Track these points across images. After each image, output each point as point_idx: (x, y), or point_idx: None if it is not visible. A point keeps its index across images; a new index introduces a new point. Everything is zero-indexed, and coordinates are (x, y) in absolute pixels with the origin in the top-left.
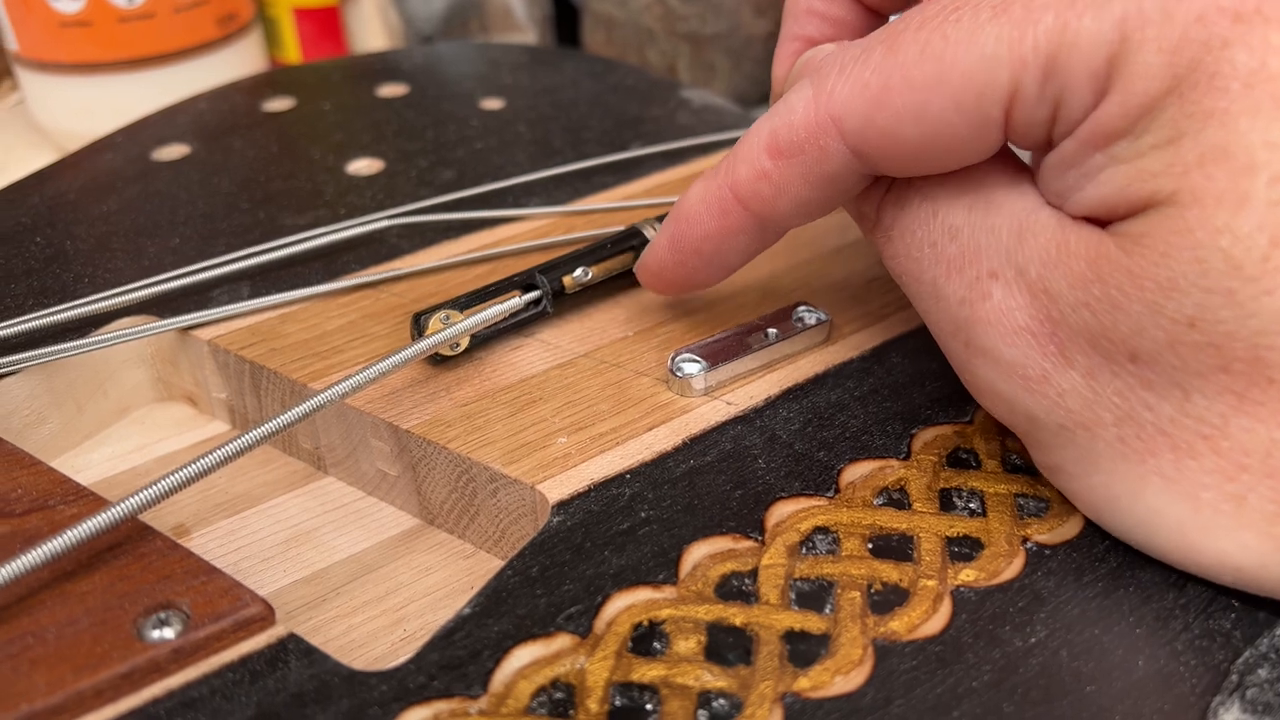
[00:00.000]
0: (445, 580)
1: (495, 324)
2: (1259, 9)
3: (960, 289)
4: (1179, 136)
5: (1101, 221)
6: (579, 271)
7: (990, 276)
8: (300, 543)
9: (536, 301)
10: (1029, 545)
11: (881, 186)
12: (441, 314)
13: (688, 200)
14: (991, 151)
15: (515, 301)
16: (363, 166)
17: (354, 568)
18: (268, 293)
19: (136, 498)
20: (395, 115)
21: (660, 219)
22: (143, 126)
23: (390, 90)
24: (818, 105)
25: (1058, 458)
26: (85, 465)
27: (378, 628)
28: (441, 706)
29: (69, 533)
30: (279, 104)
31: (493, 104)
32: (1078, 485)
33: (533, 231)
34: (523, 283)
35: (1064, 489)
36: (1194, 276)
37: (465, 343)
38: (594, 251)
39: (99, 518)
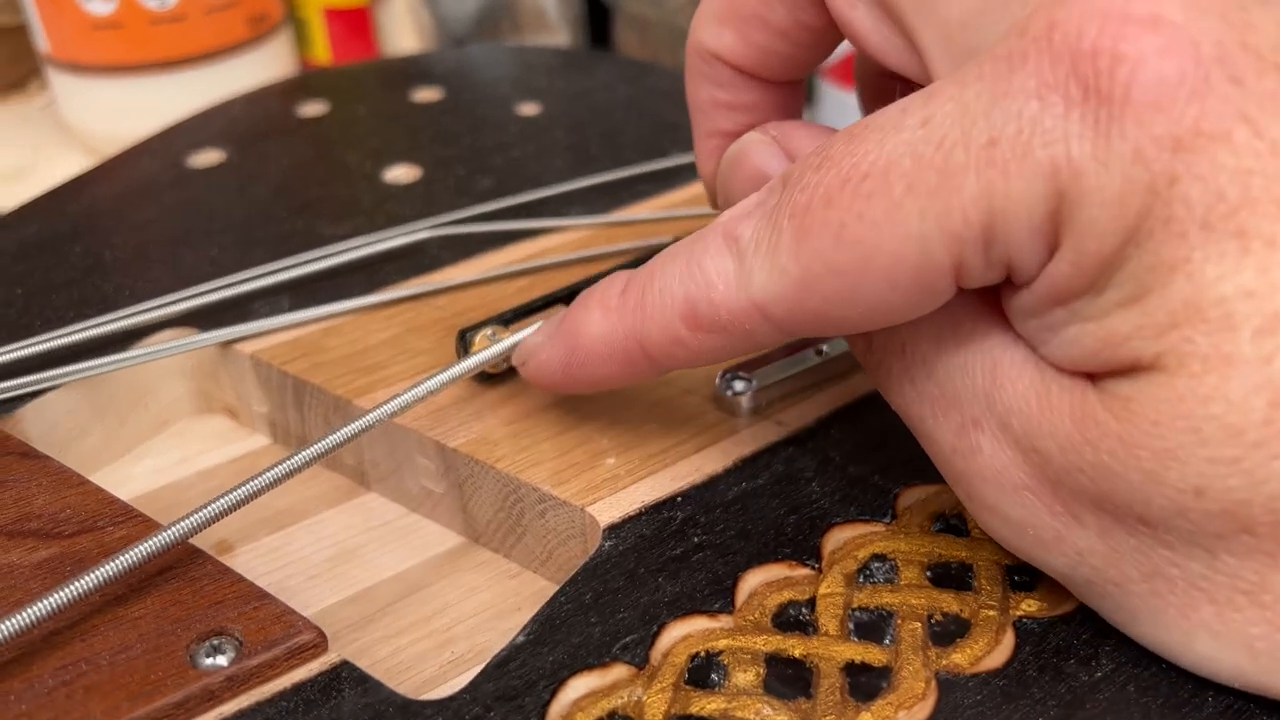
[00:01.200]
0: (492, 600)
1: None
2: (1198, 128)
3: (949, 436)
4: (1144, 293)
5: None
6: None
7: (974, 426)
8: (345, 560)
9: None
10: None
11: None
12: (487, 330)
13: (588, 334)
14: (942, 302)
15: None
16: (400, 174)
17: (399, 587)
18: (308, 305)
19: (188, 521)
20: (431, 121)
21: None
22: (177, 132)
23: (425, 95)
24: (739, 288)
25: (1096, 606)
26: (127, 479)
27: (425, 649)
28: None
29: (121, 557)
30: (313, 108)
31: (529, 109)
32: (1126, 630)
33: (574, 242)
34: (566, 297)
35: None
36: (1192, 446)
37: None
38: (632, 267)
39: (151, 542)
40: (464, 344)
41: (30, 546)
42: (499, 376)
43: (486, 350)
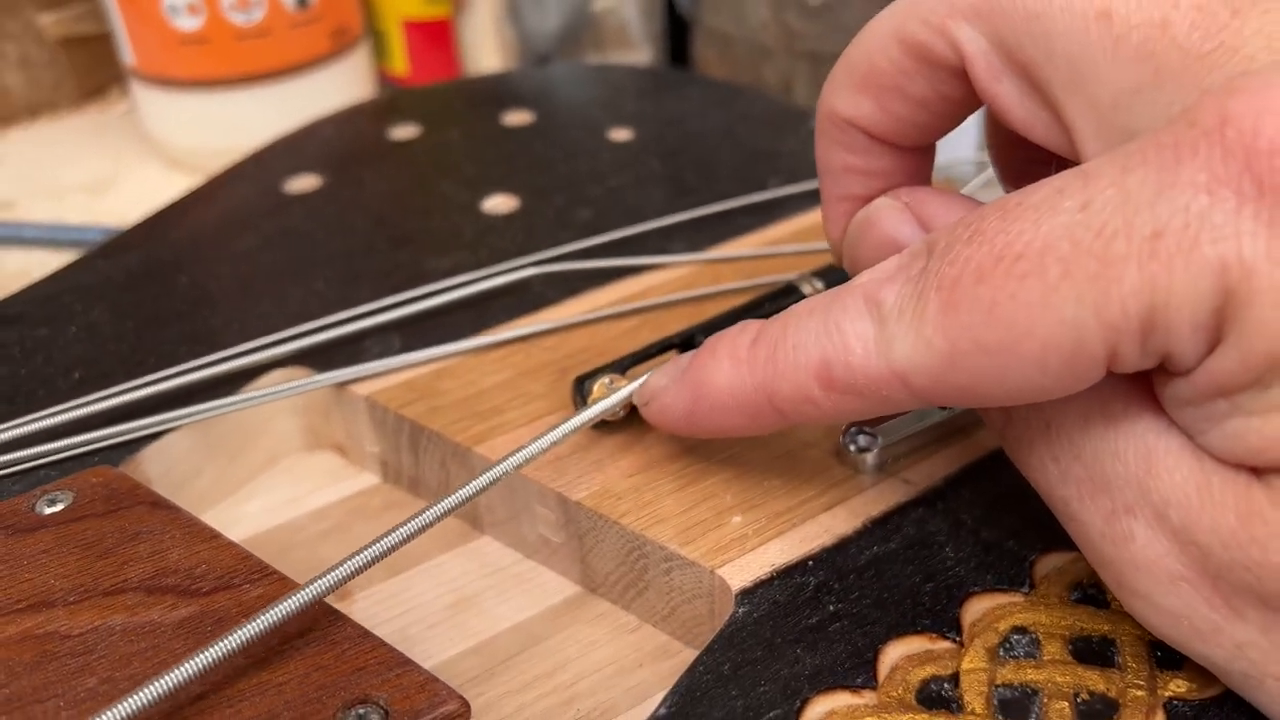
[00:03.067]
0: (613, 656)
1: None
2: None
3: (1098, 521)
4: None
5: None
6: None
7: (1126, 512)
8: (464, 609)
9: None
10: None
11: None
12: (604, 379)
13: (715, 384)
14: (1090, 384)
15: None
16: (498, 204)
17: (520, 638)
18: (418, 344)
19: (325, 580)
20: (524, 146)
21: (816, 274)
22: (271, 154)
23: (516, 118)
24: (879, 354)
25: (1251, 698)
26: (240, 518)
27: (549, 706)
28: None
29: (263, 618)
30: (405, 131)
31: (621, 134)
32: None
33: (678, 279)
34: (681, 342)
35: None
36: None
37: (628, 408)
38: (752, 309)
39: (290, 602)
40: (581, 392)
41: (170, 604)
42: (617, 424)
43: (606, 400)
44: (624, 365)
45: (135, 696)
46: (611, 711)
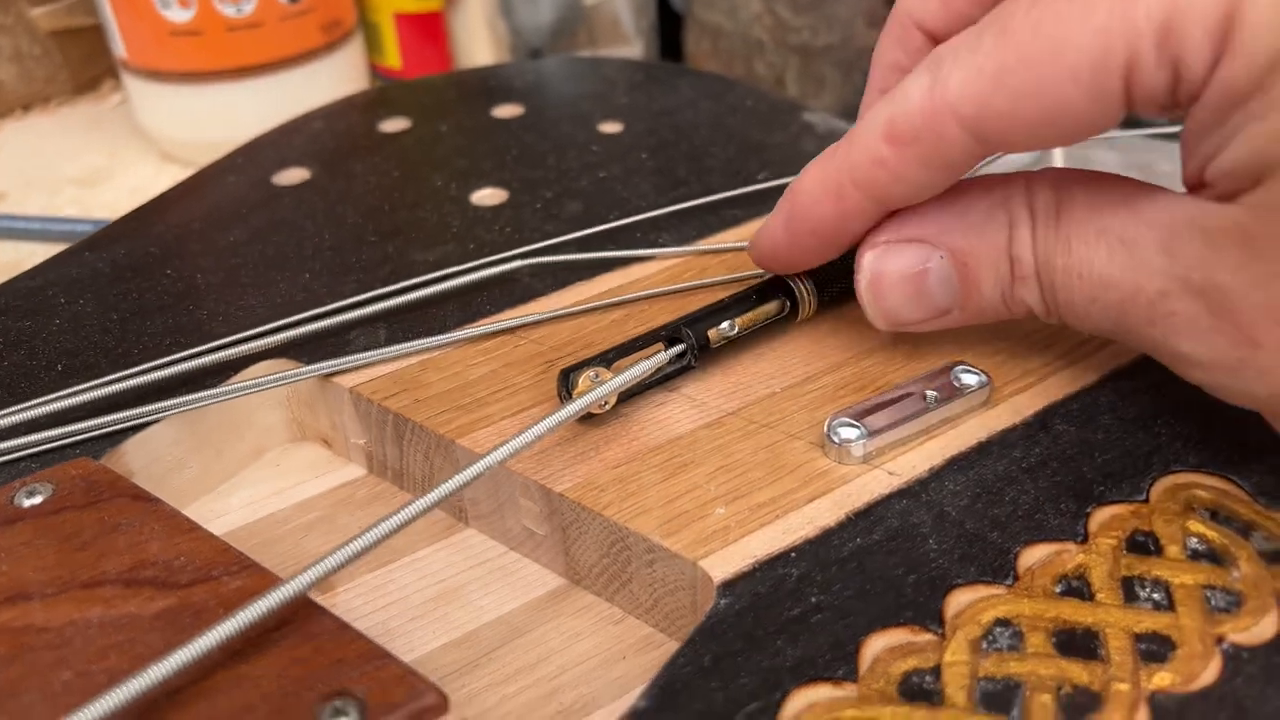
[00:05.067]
0: (596, 648)
1: (643, 380)
2: None
3: (1142, 315)
4: None
5: (1239, 192)
6: (725, 325)
7: (1163, 297)
8: (447, 601)
9: (681, 355)
10: (1225, 646)
11: (1027, 234)
12: (590, 372)
13: (803, 183)
14: (1113, 122)
15: (661, 356)
16: (486, 196)
17: (503, 630)
18: (405, 336)
19: (307, 575)
20: (514, 138)
21: (810, 274)
22: (260, 147)
23: (506, 110)
24: (933, 94)
25: None
26: (224, 510)
27: (532, 699)
28: None
29: (242, 614)
30: (395, 124)
31: (611, 127)
32: None
33: (666, 271)
34: (667, 336)
35: None
36: None
37: (613, 400)
38: (739, 303)
39: (271, 598)
40: (567, 385)
41: (148, 596)
42: (602, 416)
43: (591, 393)
44: (609, 358)
45: (108, 697)
46: (594, 703)
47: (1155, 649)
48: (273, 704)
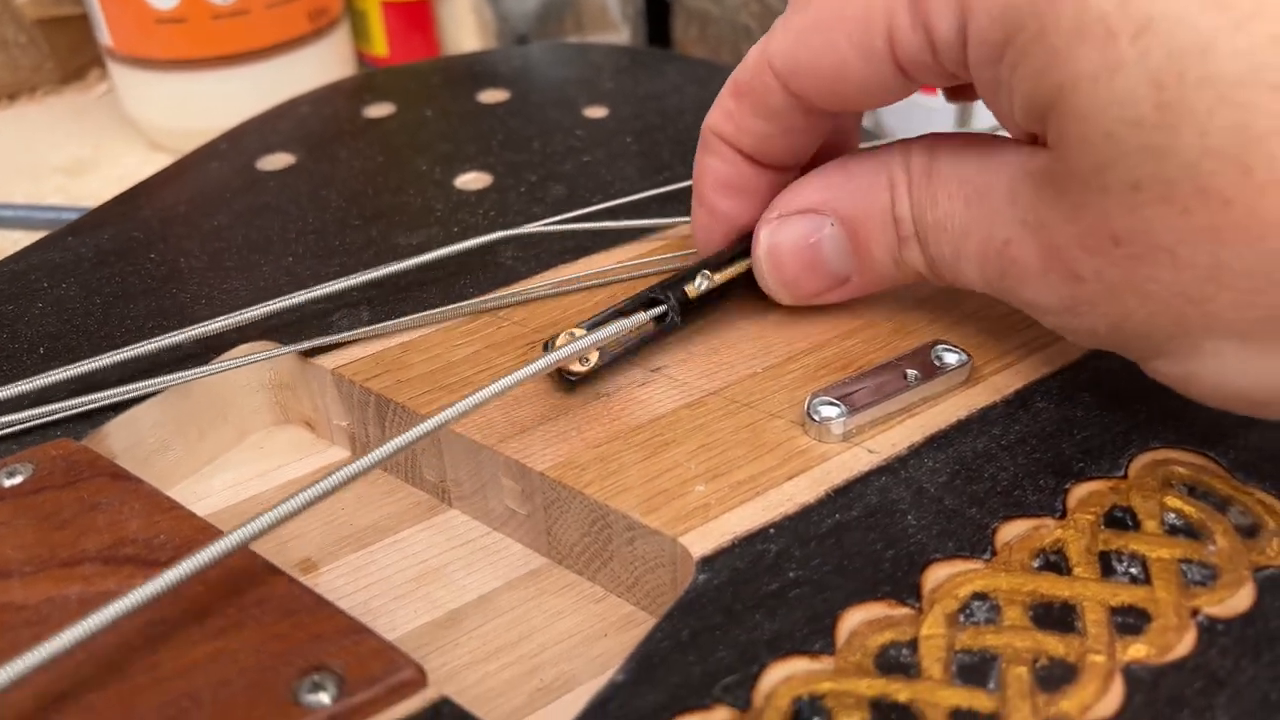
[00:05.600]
0: (578, 626)
1: (626, 341)
2: None
3: (994, 267)
4: (1042, 31)
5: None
6: (699, 280)
7: (1005, 245)
8: (429, 581)
9: (662, 317)
10: (1200, 619)
11: (905, 193)
12: (571, 330)
13: (696, 159)
14: (895, 87)
15: (641, 316)
16: (470, 180)
17: (485, 609)
18: (387, 318)
19: (255, 523)
20: (499, 124)
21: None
22: (245, 132)
23: (491, 96)
24: (761, 50)
25: (1135, 355)
26: (206, 493)
27: (513, 676)
28: None
29: (186, 563)
30: (380, 110)
31: (596, 112)
32: (1163, 368)
33: (649, 252)
34: (646, 299)
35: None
36: (1112, 149)
37: (595, 358)
38: (715, 260)
39: (216, 547)
40: (547, 348)
41: (128, 574)
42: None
43: (568, 346)
44: (589, 324)
45: (46, 645)
46: (574, 680)
47: (1131, 622)
48: (250, 678)
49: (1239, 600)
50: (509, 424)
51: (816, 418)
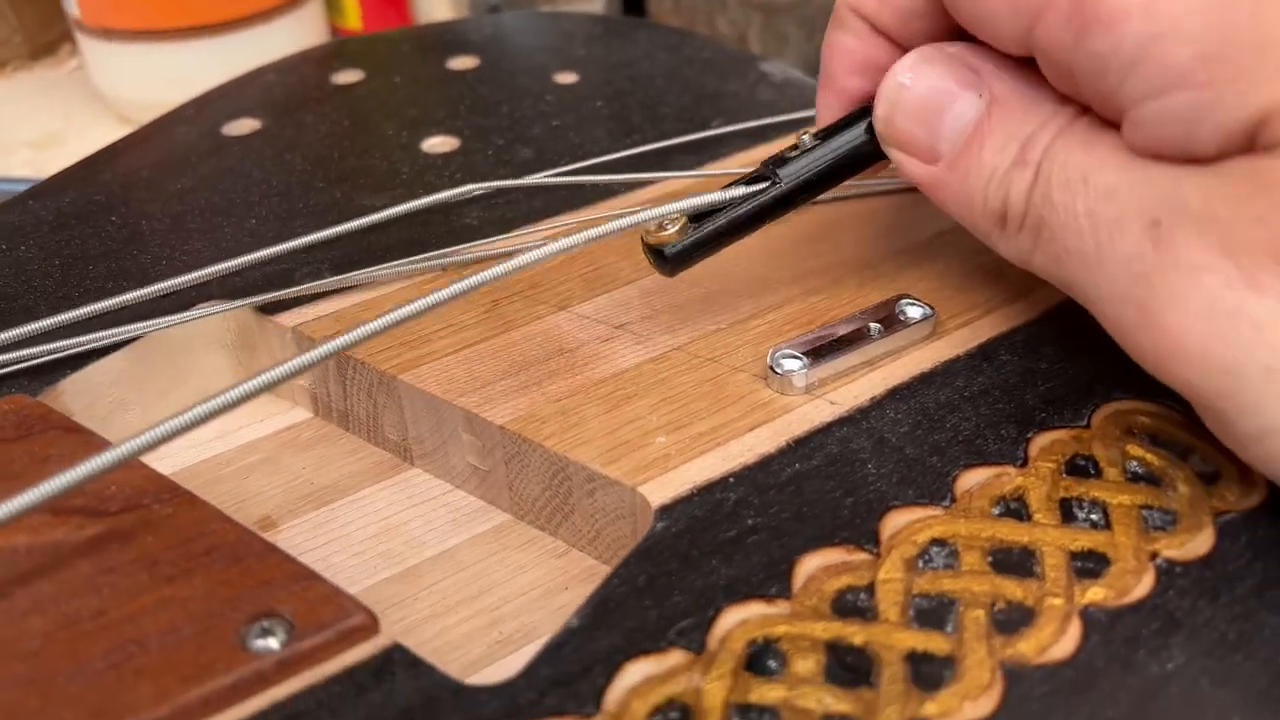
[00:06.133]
0: (539, 579)
1: (729, 215)
2: None
3: (1128, 244)
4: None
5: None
6: (804, 138)
7: (1155, 226)
8: (390, 537)
9: (760, 180)
10: (1158, 562)
11: (1056, 129)
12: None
13: (825, 40)
14: (1020, 38)
15: (738, 191)
16: (437, 144)
17: (446, 564)
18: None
19: (146, 436)
20: (468, 89)
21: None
22: (211, 99)
23: (461, 63)
24: None
25: (1269, 416)
26: (167, 452)
27: (472, 629)
28: None
29: (70, 473)
30: (348, 76)
31: (567, 78)
32: None
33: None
34: (750, 177)
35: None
36: None
37: (680, 224)
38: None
39: (106, 456)
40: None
41: (77, 524)
42: (683, 258)
43: (643, 210)
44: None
45: None
46: (535, 632)
47: (1090, 566)
48: (198, 624)
49: (1199, 544)
50: (470, 379)
51: (779, 370)
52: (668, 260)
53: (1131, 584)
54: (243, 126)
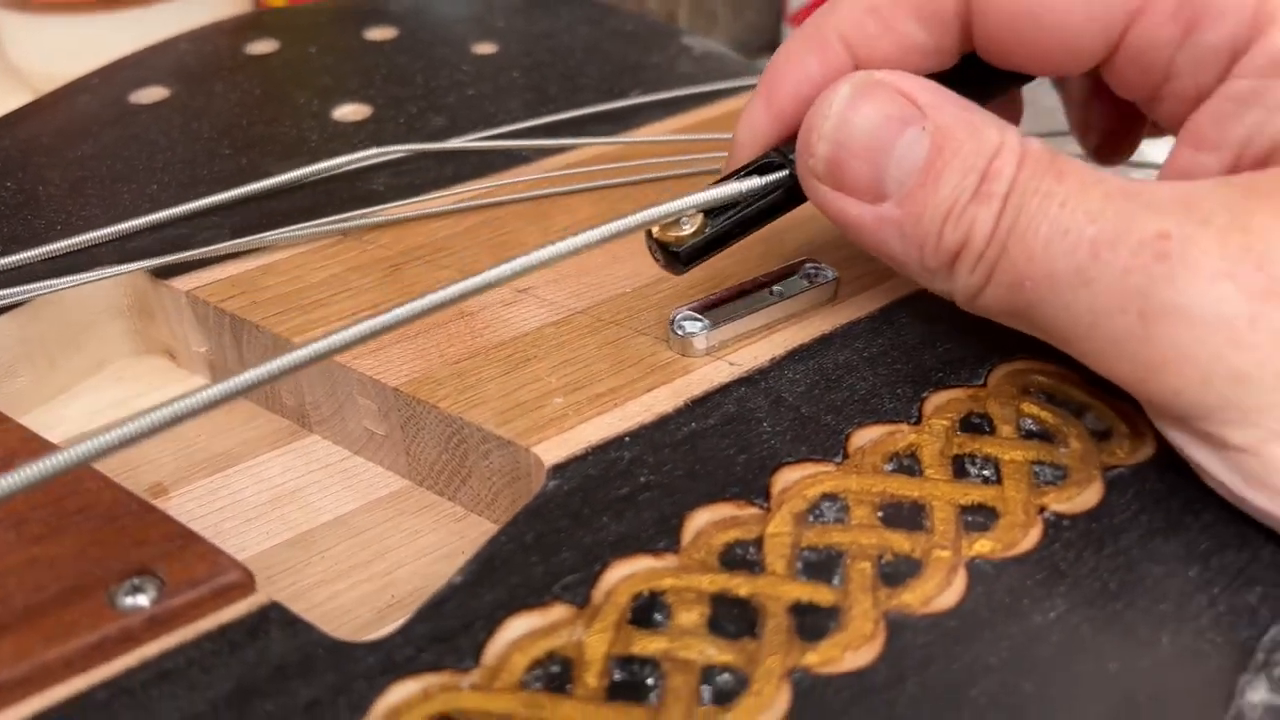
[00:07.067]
0: (436, 544)
1: (741, 211)
2: None
3: (1122, 258)
4: None
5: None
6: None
7: (1161, 238)
8: (284, 503)
9: (776, 184)
10: (1046, 515)
11: (1014, 158)
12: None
13: (783, 48)
14: (1081, 64)
15: (755, 181)
16: (349, 112)
17: (340, 530)
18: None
19: (89, 444)
20: (384, 59)
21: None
22: (120, 68)
23: (379, 33)
24: None
25: (1267, 424)
26: (59, 421)
27: (364, 593)
28: (432, 680)
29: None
30: (263, 46)
31: (485, 49)
32: None
33: (524, 183)
34: (760, 165)
35: (1264, 464)
36: None
37: (698, 222)
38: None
39: (41, 464)
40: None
41: None
42: (695, 256)
43: (656, 206)
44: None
45: None
46: (427, 595)
47: (980, 520)
48: (66, 584)
49: (1087, 497)
50: (367, 344)
51: (680, 332)
52: (679, 258)
53: (1019, 537)
54: (151, 95)
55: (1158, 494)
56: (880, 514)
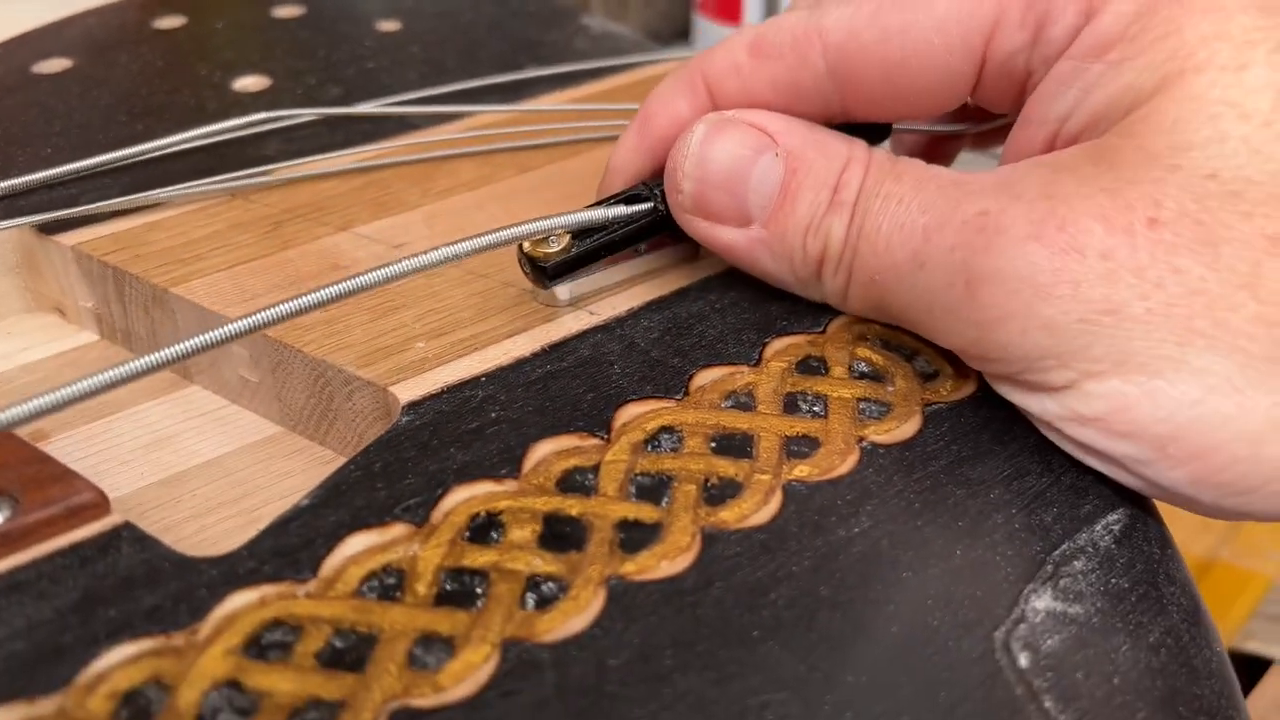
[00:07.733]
0: (304, 484)
1: (608, 234)
2: None
3: (949, 238)
4: (1177, 29)
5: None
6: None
7: (980, 215)
8: (160, 447)
9: (641, 198)
10: (865, 444)
11: (861, 168)
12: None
13: (657, 89)
14: (958, 94)
15: (622, 210)
16: (249, 84)
17: (212, 471)
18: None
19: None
20: (288, 35)
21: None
22: (25, 40)
23: (287, 11)
24: (809, 17)
25: (1081, 365)
26: None
27: (231, 528)
28: (269, 590)
29: None
30: (170, 22)
31: (389, 25)
32: (1107, 389)
33: (410, 147)
34: (629, 195)
35: (1082, 399)
36: (1208, 132)
37: (564, 241)
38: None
39: None
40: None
41: None
42: (562, 273)
43: (525, 223)
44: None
45: None
46: None
47: (803, 449)
48: None
49: (905, 430)
50: (239, 291)
51: (546, 283)
52: (545, 273)
53: (836, 463)
54: (53, 65)
55: (971, 426)
56: (712, 444)
